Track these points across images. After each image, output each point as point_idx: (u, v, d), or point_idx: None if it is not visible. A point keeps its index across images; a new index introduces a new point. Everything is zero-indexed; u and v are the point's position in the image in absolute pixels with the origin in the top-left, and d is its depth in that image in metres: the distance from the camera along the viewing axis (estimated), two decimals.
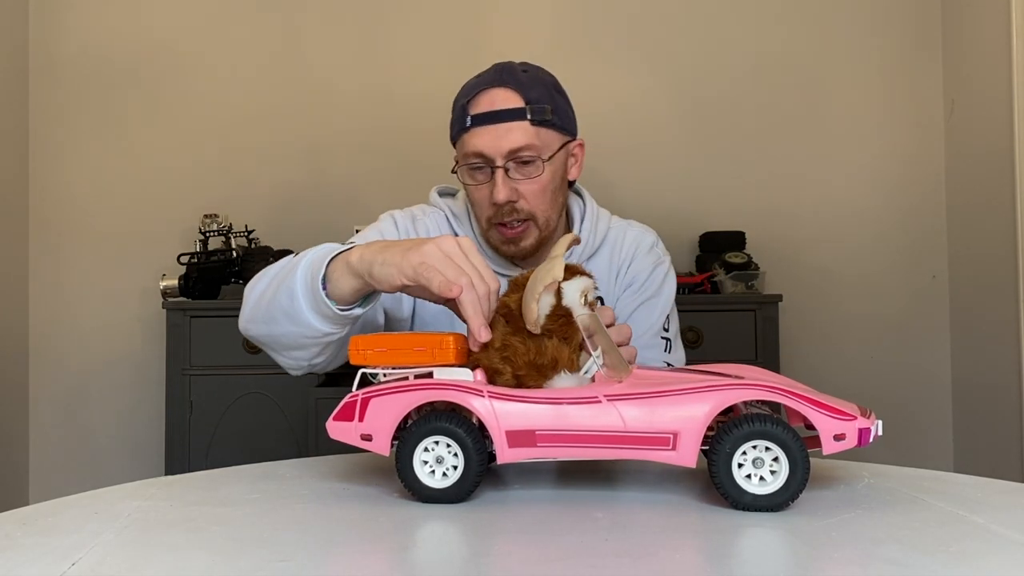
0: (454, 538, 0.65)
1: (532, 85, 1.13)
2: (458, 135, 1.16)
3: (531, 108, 1.12)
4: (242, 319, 1.06)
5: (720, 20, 2.70)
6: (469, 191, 1.18)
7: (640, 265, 1.26)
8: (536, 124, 1.12)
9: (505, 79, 1.13)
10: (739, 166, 2.68)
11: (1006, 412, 2.37)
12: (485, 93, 1.13)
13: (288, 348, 1.02)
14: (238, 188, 2.62)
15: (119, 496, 0.76)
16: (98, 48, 2.64)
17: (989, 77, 2.44)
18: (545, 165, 1.13)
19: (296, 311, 0.94)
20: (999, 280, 2.39)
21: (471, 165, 1.14)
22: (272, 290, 0.99)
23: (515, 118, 1.11)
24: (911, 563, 0.56)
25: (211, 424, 2.26)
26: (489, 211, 1.15)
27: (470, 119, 1.12)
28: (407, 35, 2.66)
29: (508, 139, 1.11)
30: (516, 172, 1.12)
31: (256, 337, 1.05)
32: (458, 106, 1.16)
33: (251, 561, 0.57)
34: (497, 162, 1.11)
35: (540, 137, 1.12)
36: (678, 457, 0.69)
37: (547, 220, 1.16)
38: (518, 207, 1.13)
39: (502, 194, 1.11)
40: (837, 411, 0.69)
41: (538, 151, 1.12)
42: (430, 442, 0.72)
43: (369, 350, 0.77)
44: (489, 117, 1.11)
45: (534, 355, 0.74)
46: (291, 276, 0.95)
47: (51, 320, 2.61)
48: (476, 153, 1.12)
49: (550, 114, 1.13)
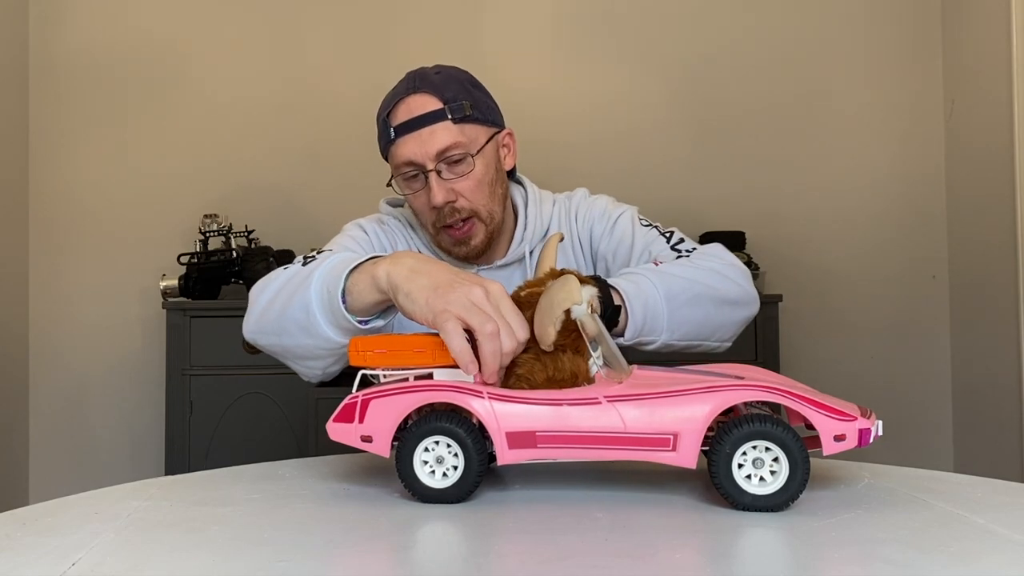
0: (454, 538, 0.65)
1: (447, 85, 1.14)
2: (385, 148, 1.17)
3: (450, 107, 1.12)
4: (248, 328, 1.05)
5: (720, 20, 2.70)
6: (409, 200, 1.18)
7: (603, 234, 1.23)
8: (458, 122, 1.13)
9: (419, 85, 1.14)
10: (739, 166, 2.68)
11: (1006, 412, 2.37)
12: (402, 102, 1.13)
13: (302, 358, 1.01)
14: (238, 188, 2.62)
15: (119, 496, 0.76)
16: (98, 48, 2.64)
17: (989, 77, 2.44)
18: (475, 160, 1.13)
19: (312, 325, 0.93)
20: (999, 280, 2.39)
21: (404, 175, 1.15)
22: (282, 302, 0.98)
23: (436, 120, 1.12)
24: (911, 563, 0.56)
25: (211, 424, 2.26)
26: (431, 216, 1.15)
27: (393, 131, 1.13)
28: (407, 35, 2.66)
29: (433, 142, 1.11)
30: (448, 172, 1.13)
31: (267, 347, 1.04)
32: (380, 121, 1.17)
33: (251, 561, 0.57)
34: (428, 166, 1.12)
35: (465, 133, 1.13)
36: (678, 458, 0.69)
37: (490, 213, 1.17)
38: (458, 206, 1.14)
39: (439, 196, 1.12)
40: (837, 412, 0.69)
41: (465, 147, 1.13)
42: (430, 442, 0.72)
43: (369, 351, 0.77)
44: (410, 125, 1.12)
45: (552, 371, 0.74)
46: (304, 289, 0.94)
47: (51, 320, 2.61)
48: (406, 162, 1.13)
49: (470, 109, 1.14)
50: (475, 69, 1.20)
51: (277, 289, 1.00)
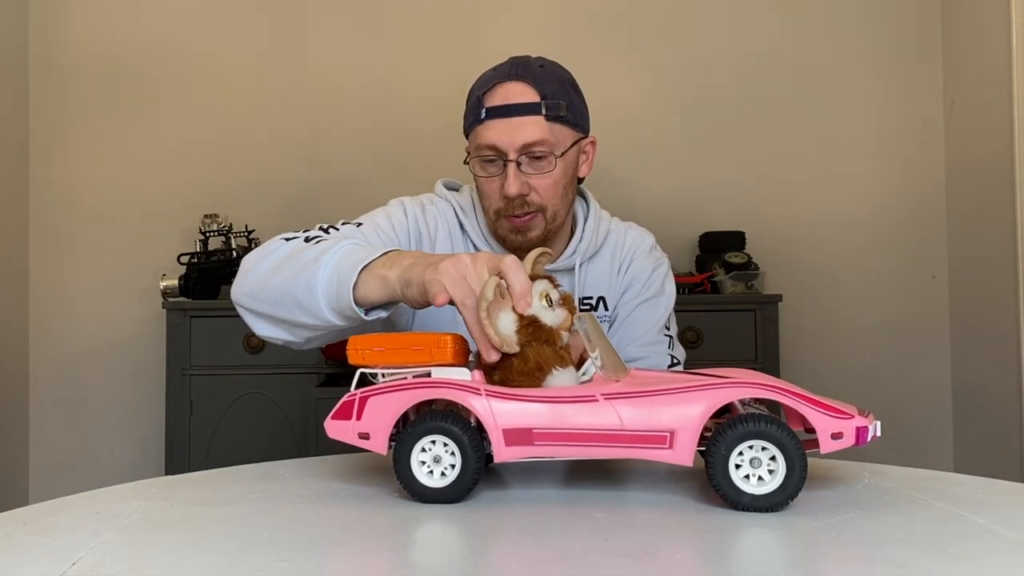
0: (455, 538, 0.65)
1: (548, 80, 1.13)
2: (471, 126, 1.15)
3: (546, 103, 1.11)
4: (238, 291, 1.04)
5: (720, 20, 2.70)
6: (479, 183, 1.17)
7: (640, 266, 1.27)
8: (550, 120, 1.11)
9: (521, 73, 1.12)
10: (739, 166, 2.68)
11: (1006, 412, 2.37)
12: (501, 86, 1.12)
13: (292, 327, 1.01)
14: (238, 188, 2.62)
15: (119, 496, 0.76)
16: (98, 48, 2.64)
17: (989, 77, 2.44)
18: (557, 161, 1.13)
19: (314, 307, 0.94)
20: (999, 280, 2.39)
21: (483, 157, 1.14)
22: (284, 278, 0.97)
23: (529, 112, 1.11)
24: (911, 563, 0.56)
25: (211, 424, 2.26)
26: (499, 203, 1.15)
27: (484, 111, 1.12)
28: (407, 35, 2.66)
29: (522, 133, 1.10)
30: (528, 166, 1.12)
31: (254, 311, 1.03)
32: (473, 97, 1.15)
33: (251, 561, 0.57)
34: (509, 155, 1.11)
35: (553, 133, 1.12)
36: (675, 456, 0.69)
37: (555, 213, 1.16)
38: (529, 200, 1.13)
39: (514, 187, 1.11)
40: (834, 410, 0.69)
41: (551, 146, 1.12)
42: (427, 442, 0.72)
43: (367, 350, 0.77)
44: (504, 110, 1.11)
45: (520, 364, 0.75)
46: (311, 272, 0.94)
47: (51, 320, 2.61)
48: (489, 145, 1.12)
49: (565, 110, 1.13)
50: (475, 69, 1.20)
51: (277, 262, 1.00)
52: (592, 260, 1.25)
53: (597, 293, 1.25)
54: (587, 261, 1.24)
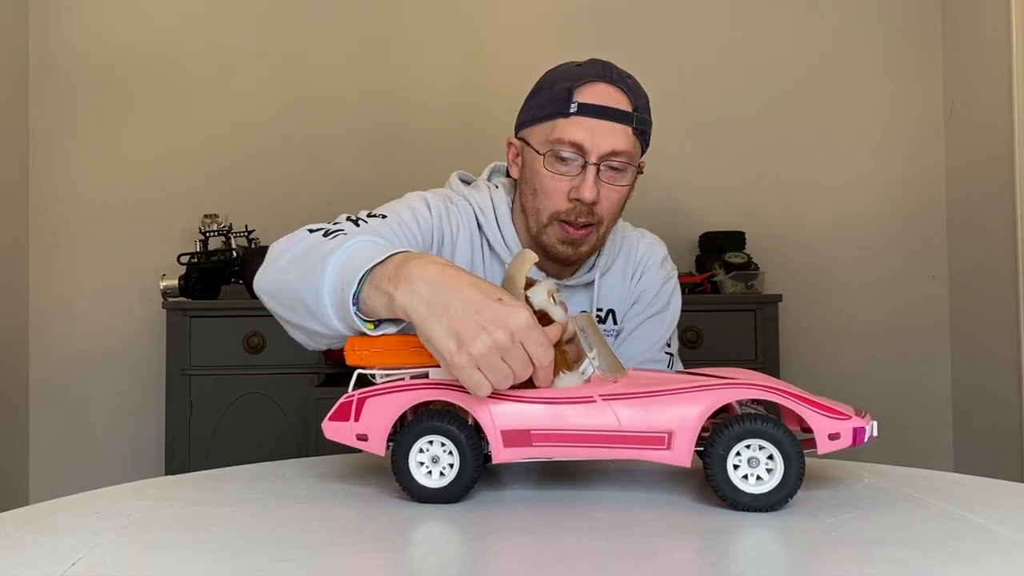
0: (455, 538, 0.65)
1: (638, 94, 1.10)
2: (551, 117, 1.08)
3: (637, 116, 1.08)
4: (259, 286, 0.96)
5: (719, 20, 2.70)
6: (543, 179, 1.09)
7: (651, 279, 1.25)
8: (637, 134, 1.09)
9: (614, 78, 1.09)
10: (739, 166, 2.68)
11: (1006, 413, 2.37)
12: (595, 85, 1.07)
13: (306, 331, 0.92)
14: (238, 188, 2.62)
15: (119, 496, 0.76)
16: (98, 48, 2.64)
17: (989, 77, 2.44)
18: (634, 176, 1.10)
19: (322, 314, 0.85)
20: (999, 281, 2.39)
21: (558, 153, 1.07)
22: (296, 278, 0.89)
23: (622, 120, 1.07)
24: (911, 563, 0.56)
25: (211, 424, 2.26)
26: (562, 205, 1.09)
27: (576, 106, 1.06)
28: (408, 35, 2.66)
29: (613, 139, 1.06)
30: (605, 175, 1.08)
31: (272, 310, 0.95)
32: (558, 88, 1.09)
33: (251, 561, 0.57)
34: (592, 158, 1.06)
35: (636, 147, 1.09)
36: (673, 456, 0.69)
37: (606, 231, 1.13)
38: (596, 210, 1.08)
39: (591, 192, 1.06)
40: (831, 410, 0.69)
41: (632, 160, 1.09)
42: (425, 442, 0.72)
43: (365, 351, 0.77)
44: (599, 111, 1.06)
45: None
46: (318, 273, 0.85)
47: (51, 320, 2.61)
48: (573, 143, 1.06)
49: (649, 128, 1.11)
50: (475, 68, 1.20)
51: (294, 258, 0.91)
52: (607, 271, 1.23)
53: (608, 305, 1.23)
54: (605, 273, 1.22)
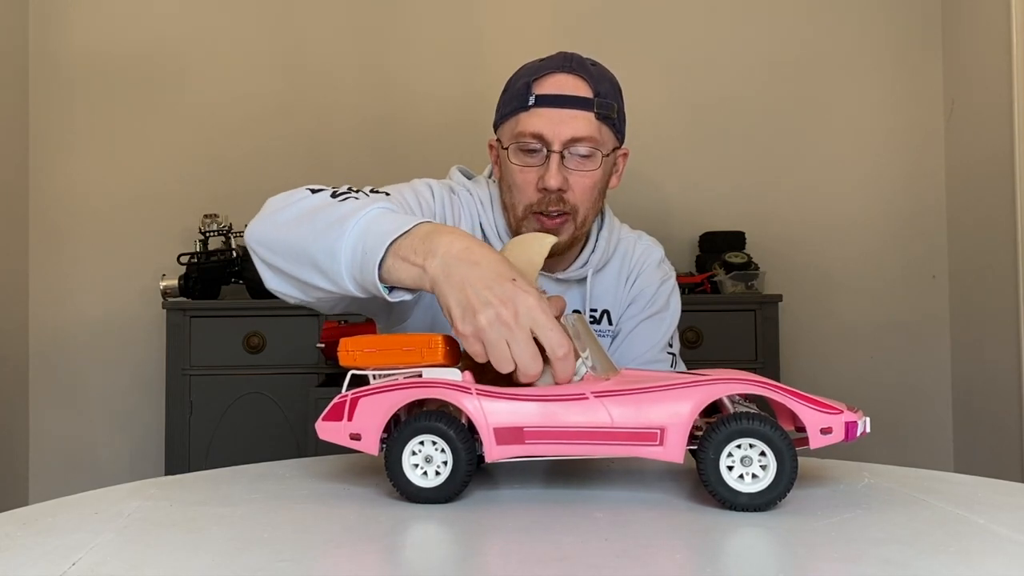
0: (455, 538, 0.65)
1: (601, 80, 1.11)
2: (513, 113, 1.10)
3: (598, 101, 1.08)
4: (253, 235, 0.95)
5: (720, 20, 2.70)
6: (513, 173, 1.11)
7: (648, 279, 1.24)
8: (600, 119, 1.09)
9: (575, 67, 1.10)
10: (739, 166, 2.68)
11: (1006, 412, 2.37)
12: (553, 76, 1.09)
13: (305, 286, 0.92)
14: (238, 188, 2.62)
15: (119, 496, 0.76)
16: (98, 48, 2.64)
17: (989, 77, 2.44)
18: (602, 161, 1.10)
19: (335, 273, 0.84)
20: (999, 281, 2.39)
21: (523, 145, 1.09)
22: (305, 235, 0.88)
23: (582, 107, 1.08)
24: (911, 563, 0.55)
25: (211, 424, 2.26)
26: (532, 197, 1.10)
27: (534, 98, 1.08)
28: (408, 32, 2.66)
29: (572, 126, 1.07)
30: (571, 162, 1.08)
31: (266, 262, 0.94)
32: (519, 83, 1.11)
33: (251, 561, 0.57)
34: (554, 147, 1.07)
35: (601, 133, 1.09)
36: (665, 453, 0.69)
37: (584, 219, 1.13)
38: (566, 197, 1.09)
39: (555, 180, 1.06)
40: (823, 405, 0.69)
41: (597, 145, 1.09)
42: (416, 443, 0.72)
43: (358, 351, 0.77)
44: (556, 100, 1.07)
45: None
46: (336, 235, 0.84)
47: (51, 320, 2.61)
48: (534, 134, 1.07)
49: (614, 113, 1.11)
50: (475, 68, 1.20)
51: (299, 214, 0.91)
52: (601, 271, 1.22)
53: (603, 305, 1.22)
54: (599, 272, 1.21)
